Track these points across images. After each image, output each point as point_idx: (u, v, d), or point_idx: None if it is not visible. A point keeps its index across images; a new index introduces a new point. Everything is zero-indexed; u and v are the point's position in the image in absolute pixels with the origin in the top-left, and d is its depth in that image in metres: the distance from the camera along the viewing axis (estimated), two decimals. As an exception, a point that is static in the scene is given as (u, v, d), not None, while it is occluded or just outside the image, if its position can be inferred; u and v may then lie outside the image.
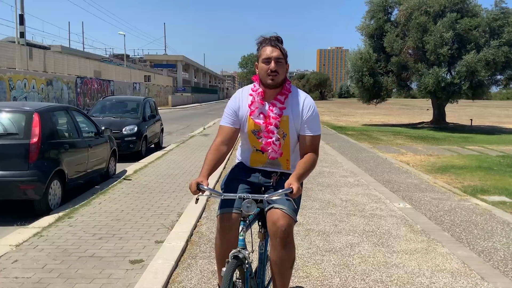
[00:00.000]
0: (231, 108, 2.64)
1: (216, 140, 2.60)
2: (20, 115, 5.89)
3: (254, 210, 2.32)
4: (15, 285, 3.49)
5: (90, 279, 3.60)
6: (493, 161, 10.77)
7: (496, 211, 5.96)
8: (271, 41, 2.53)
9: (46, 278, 3.63)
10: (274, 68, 2.48)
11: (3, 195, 5.57)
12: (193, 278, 3.65)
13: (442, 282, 3.63)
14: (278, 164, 2.67)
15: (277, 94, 2.56)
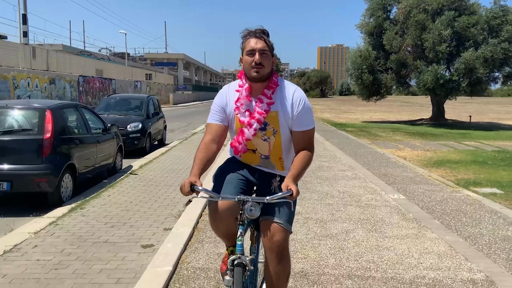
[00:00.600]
0: (218, 105, 2.53)
1: (205, 138, 2.47)
2: (33, 112, 6.21)
3: (258, 213, 2.20)
4: (37, 267, 3.81)
5: (106, 261, 3.92)
6: (488, 156, 11.08)
7: (485, 201, 6.28)
8: (256, 33, 2.41)
9: (65, 260, 3.95)
10: (258, 60, 2.35)
11: (18, 187, 5.89)
12: (200, 260, 3.98)
13: (429, 262, 3.95)
14: (272, 165, 2.55)
15: (264, 88, 2.43)
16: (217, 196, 2.27)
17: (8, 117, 6.17)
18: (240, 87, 2.49)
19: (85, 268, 3.77)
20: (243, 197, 2.21)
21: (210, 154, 2.40)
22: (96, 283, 3.48)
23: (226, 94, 2.54)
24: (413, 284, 3.50)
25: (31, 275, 3.63)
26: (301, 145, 2.44)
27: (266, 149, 2.50)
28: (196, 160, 2.37)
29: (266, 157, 2.53)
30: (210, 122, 2.51)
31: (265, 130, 2.45)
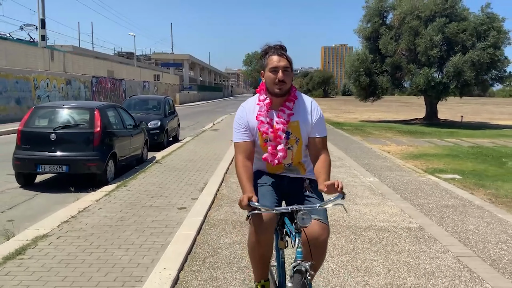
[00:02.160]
0: (241, 123, 2.66)
1: (239, 158, 2.61)
2: (85, 111, 7.88)
3: (310, 222, 2.28)
4: (106, 219, 5.45)
5: (155, 216, 5.57)
6: (462, 151, 12.69)
7: (442, 183, 7.90)
8: (277, 50, 2.57)
9: (125, 215, 5.60)
10: (282, 77, 2.52)
11: (74, 170, 7.54)
12: (221, 215, 5.63)
13: (382, 218, 5.58)
14: (296, 170, 2.73)
15: (285, 101, 2.61)
16: (271, 209, 2.39)
17: (65, 115, 7.84)
18: (261, 101, 2.67)
19: (141, 220, 5.41)
20: (296, 207, 2.31)
21: (251, 171, 2.58)
22: (152, 227, 5.12)
23: (246, 111, 2.70)
24: (367, 229, 5.13)
25: (104, 224, 5.28)
26: (319, 151, 2.62)
27: (290, 157, 2.66)
28: (243, 179, 2.52)
29: (289, 165, 2.69)
30: (238, 141, 2.64)
31: (289, 139, 2.62)
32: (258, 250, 2.58)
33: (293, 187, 2.72)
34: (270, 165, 2.68)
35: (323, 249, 2.58)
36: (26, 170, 7.61)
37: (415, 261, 4.19)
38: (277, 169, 2.70)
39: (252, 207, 2.32)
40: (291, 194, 2.72)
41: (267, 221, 2.47)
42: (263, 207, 2.37)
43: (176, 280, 3.67)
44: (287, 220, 2.56)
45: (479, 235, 5.00)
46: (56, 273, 3.82)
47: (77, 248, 4.42)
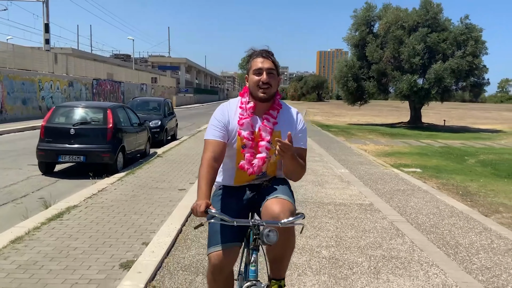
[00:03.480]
0: (220, 121, 2.45)
1: (207, 155, 2.37)
2: (99, 110, 9.24)
3: (276, 238, 2.10)
4: (122, 196, 6.80)
5: (160, 195, 6.93)
6: (432, 150, 14.14)
7: (402, 174, 9.32)
8: (262, 53, 2.45)
9: (136, 194, 6.95)
10: (266, 79, 2.37)
11: (90, 160, 8.88)
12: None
13: (342, 197, 6.98)
14: (266, 176, 2.55)
15: (269, 109, 2.47)
16: (231, 220, 2.15)
17: (82, 113, 9.20)
18: (243, 103, 2.48)
19: (149, 197, 6.77)
20: (258, 221, 2.14)
21: (214, 173, 2.34)
22: (159, 201, 6.48)
23: (227, 110, 2.50)
24: (329, 204, 6.52)
25: (120, 199, 6.63)
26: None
27: (265, 167, 2.48)
28: (202, 180, 2.28)
29: (263, 174, 2.50)
30: (210, 139, 2.42)
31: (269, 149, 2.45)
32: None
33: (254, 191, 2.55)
34: (239, 177, 2.49)
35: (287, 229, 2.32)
36: (48, 159, 8.94)
37: (358, 223, 5.59)
38: (246, 179, 2.50)
39: (209, 215, 2.14)
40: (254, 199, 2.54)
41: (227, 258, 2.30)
42: (223, 216, 2.15)
43: (180, 231, 5.05)
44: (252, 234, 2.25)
45: (415, 209, 6.42)
46: (90, 228, 5.17)
47: (102, 214, 5.78)
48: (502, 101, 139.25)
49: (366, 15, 26.92)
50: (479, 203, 7.10)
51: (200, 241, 4.82)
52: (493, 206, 6.93)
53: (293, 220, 2.22)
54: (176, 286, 3.69)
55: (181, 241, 4.82)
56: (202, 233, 5.07)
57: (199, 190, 2.28)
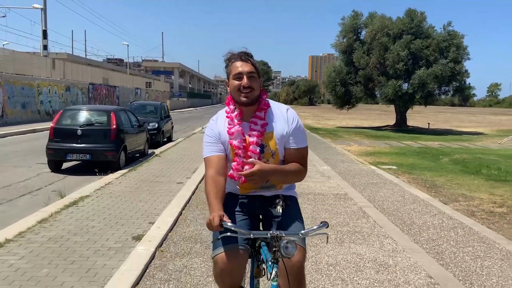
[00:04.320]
0: (212, 136, 2.41)
1: (209, 173, 2.33)
2: (104, 113, 10.15)
3: (295, 251, 2.01)
4: (127, 188, 7.71)
5: (161, 187, 7.84)
6: (410, 150, 15.17)
7: (378, 170, 10.30)
8: (240, 56, 2.35)
9: (139, 186, 7.86)
10: (247, 84, 2.29)
11: (95, 158, 9.76)
12: (208, 186, 7.94)
13: (321, 188, 7.93)
14: (272, 186, 2.42)
15: (256, 111, 2.38)
16: (247, 232, 2.09)
17: (88, 115, 10.10)
18: (229, 113, 2.43)
19: (151, 189, 7.68)
20: (277, 233, 2.02)
21: (221, 187, 2.28)
22: (160, 192, 7.39)
23: (215, 123, 2.47)
24: (309, 194, 7.47)
25: (126, 190, 7.54)
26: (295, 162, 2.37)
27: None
28: (211, 195, 2.24)
29: (266, 180, 2.37)
30: (208, 156, 2.39)
31: (263, 152, 2.36)
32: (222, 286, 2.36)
33: (265, 209, 2.44)
34: (243, 185, 2.39)
35: (298, 277, 2.26)
36: (57, 158, 9.82)
37: (332, 208, 6.56)
38: (251, 188, 2.41)
39: (224, 228, 2.06)
40: (266, 216, 2.46)
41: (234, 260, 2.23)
42: (238, 228, 2.09)
43: (180, 213, 5.98)
44: (265, 245, 2.21)
45: (383, 197, 7.39)
46: (103, 212, 6.08)
47: (112, 202, 6.69)
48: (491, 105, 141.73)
49: (353, 22, 28.05)
50: (442, 194, 8.10)
51: (197, 220, 5.75)
52: (453, 196, 7.92)
53: (317, 229, 2.10)
54: (179, 250, 4.62)
55: (182, 221, 5.75)
56: (199, 215, 6.00)
57: (210, 206, 2.21)
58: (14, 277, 3.83)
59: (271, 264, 2.03)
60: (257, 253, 2.32)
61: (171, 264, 4.22)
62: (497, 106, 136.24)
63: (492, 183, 9.46)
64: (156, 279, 3.88)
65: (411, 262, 4.42)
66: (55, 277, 3.85)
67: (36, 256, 4.35)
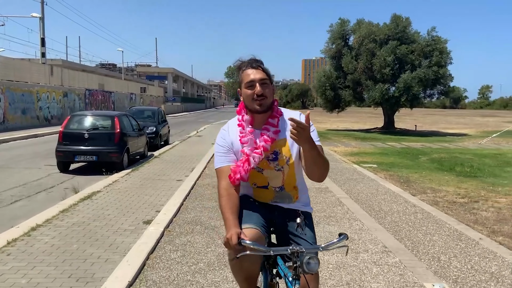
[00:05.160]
0: (224, 146, 2.38)
1: (222, 185, 2.30)
2: (108, 118, 11.09)
3: (318, 267, 1.98)
4: (132, 185, 8.66)
5: (163, 183, 8.80)
6: (392, 150, 16.22)
7: (359, 168, 11.32)
8: (251, 63, 2.34)
9: (143, 183, 8.82)
10: (260, 91, 2.28)
11: (101, 159, 10.67)
12: (205, 182, 8.91)
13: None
14: (288, 196, 2.43)
15: (268, 118, 2.36)
16: (267, 250, 2.04)
17: (94, 120, 11.04)
18: (241, 121, 2.40)
19: (154, 185, 8.63)
20: (298, 248, 2.01)
21: (235, 199, 2.27)
22: (162, 188, 8.35)
23: (227, 132, 2.43)
24: (294, 188, 8.46)
25: (132, 187, 8.48)
26: None
27: (280, 179, 2.38)
28: (227, 211, 2.21)
29: (281, 188, 2.39)
30: (220, 167, 2.36)
31: (277, 160, 2.33)
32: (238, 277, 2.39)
33: (283, 220, 2.41)
34: (259, 194, 2.41)
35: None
36: (66, 159, 10.74)
37: (313, 199, 7.48)
38: (266, 197, 2.41)
39: (243, 247, 2.01)
40: (280, 228, 2.42)
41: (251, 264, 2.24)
42: (256, 246, 2.04)
43: (181, 204, 6.95)
44: (280, 260, 2.24)
45: (359, 190, 8.40)
46: (114, 203, 7.03)
47: (121, 196, 7.63)
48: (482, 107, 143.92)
49: (341, 29, 29.19)
50: (413, 187, 9.12)
51: (196, 209, 6.72)
52: (422, 189, 8.95)
53: (337, 242, 2.08)
54: (183, 230, 5.59)
55: (183, 209, 6.72)
56: (198, 205, 6.97)
57: (226, 222, 2.17)
58: (51, 250, 4.78)
59: (292, 281, 2.03)
60: (270, 266, 2.33)
61: (177, 240, 5.20)
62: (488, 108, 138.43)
63: (461, 178, 10.50)
64: (166, 249, 4.86)
65: (372, 237, 5.43)
66: (84, 250, 4.81)
67: (65, 236, 5.30)
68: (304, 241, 2.32)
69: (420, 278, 4.16)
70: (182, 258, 4.62)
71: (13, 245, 4.91)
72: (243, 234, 2.08)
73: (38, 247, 4.87)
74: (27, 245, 4.92)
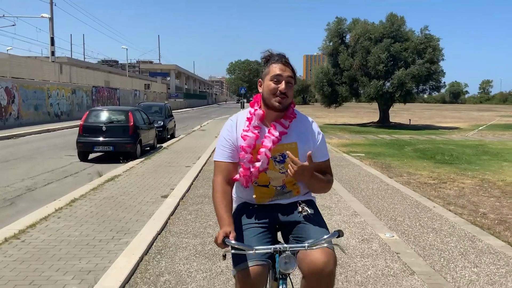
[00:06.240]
0: (227, 139, 2.29)
1: (217, 179, 2.27)
2: (123, 112, 12.43)
3: (294, 267, 1.96)
4: (146, 170, 9.98)
5: (174, 169, 10.12)
6: (381, 142, 17.51)
7: (347, 157, 12.62)
8: (282, 58, 2.27)
9: (157, 169, 10.14)
10: (284, 89, 2.20)
11: (117, 149, 12.00)
12: (211, 168, 10.23)
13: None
14: (290, 193, 2.34)
15: (282, 118, 2.28)
16: (250, 248, 2.00)
17: (110, 115, 12.37)
18: (252, 114, 2.30)
19: (166, 170, 9.95)
20: (279, 247, 1.99)
21: (229, 196, 2.25)
22: (173, 172, 9.67)
23: (235, 126, 2.33)
24: (287, 172, 9.78)
25: (147, 172, 9.81)
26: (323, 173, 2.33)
27: (281, 180, 2.30)
28: (220, 208, 2.17)
29: (282, 187, 2.32)
30: (219, 160, 2.30)
31: (284, 162, 2.23)
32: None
33: (287, 216, 2.32)
34: (259, 194, 2.32)
35: (330, 284, 2.09)
36: (86, 149, 12.07)
37: (303, 180, 8.87)
38: (266, 196, 2.32)
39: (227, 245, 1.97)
40: (285, 224, 2.32)
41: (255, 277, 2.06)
42: (241, 245, 1.99)
43: (191, 183, 8.29)
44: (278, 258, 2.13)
45: (344, 174, 9.71)
46: (135, 184, 8.35)
47: (139, 178, 8.96)
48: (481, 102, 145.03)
49: (337, 28, 30.41)
50: (392, 172, 10.42)
51: (204, 187, 8.06)
52: (400, 173, 10.25)
53: (327, 239, 2.01)
54: (194, 201, 6.92)
55: (193, 187, 8.06)
56: (205, 184, 8.30)
57: (220, 219, 2.15)
58: (91, 215, 6.11)
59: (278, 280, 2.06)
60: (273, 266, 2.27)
61: (190, 207, 6.54)
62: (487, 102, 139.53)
63: (438, 165, 11.79)
64: (182, 213, 6.20)
65: (346, 205, 6.75)
66: (118, 215, 6.14)
67: (100, 206, 6.63)
68: (311, 226, 2.26)
69: (377, 231, 5.48)
70: (195, 219, 5.95)
71: (60, 212, 6.24)
72: (232, 234, 2.01)
73: (80, 213, 6.20)
74: (71, 212, 6.26)
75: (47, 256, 4.50)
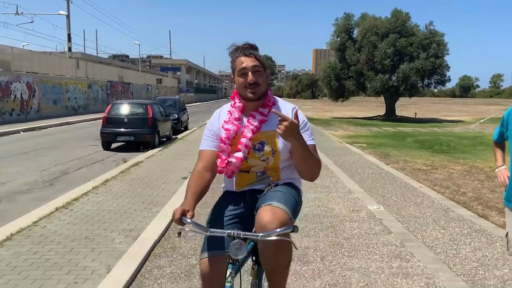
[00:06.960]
0: (210, 130, 2.39)
1: (198, 166, 2.32)
2: (142, 105, 13.51)
3: (244, 253, 1.96)
4: (167, 158, 11.05)
5: (190, 156, 11.18)
6: (384, 134, 18.41)
7: (350, 147, 13.58)
8: (244, 50, 2.27)
9: (174, 156, 11.20)
10: (252, 80, 2.21)
11: (137, 139, 13.08)
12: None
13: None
14: (268, 178, 2.34)
15: (260, 107, 2.30)
16: (205, 229, 2.01)
17: (131, 107, 13.46)
18: (232, 107, 2.38)
19: (183, 157, 11.00)
20: (233, 232, 1.98)
21: (204, 183, 2.26)
22: (190, 159, 10.72)
23: (218, 117, 2.42)
24: (293, 159, 10.79)
25: (166, 159, 10.88)
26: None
27: (262, 167, 2.31)
28: (189, 188, 2.21)
29: (263, 173, 2.33)
30: (203, 149, 2.39)
31: (263, 150, 2.27)
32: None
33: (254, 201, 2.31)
34: (239, 181, 2.36)
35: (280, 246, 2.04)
36: (109, 139, 13.17)
37: (306, 165, 9.87)
38: (246, 181, 2.35)
39: (184, 223, 1.99)
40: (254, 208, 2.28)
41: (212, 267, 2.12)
42: (195, 225, 1.98)
43: (207, 168, 9.34)
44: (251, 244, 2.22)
45: (344, 160, 10.69)
46: (158, 168, 9.42)
47: (160, 163, 10.03)
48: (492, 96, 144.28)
49: (345, 23, 31.20)
50: (389, 159, 11.37)
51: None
52: (396, 160, 11.19)
53: (279, 232, 1.91)
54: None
55: (209, 171, 9.09)
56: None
57: (184, 199, 2.16)
58: (123, 192, 7.18)
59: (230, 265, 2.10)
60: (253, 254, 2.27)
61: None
62: (497, 96, 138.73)
63: (434, 154, 12.70)
64: (201, 190, 7.24)
65: (343, 185, 7.75)
66: (146, 191, 7.20)
67: (130, 185, 7.71)
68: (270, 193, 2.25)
69: (366, 204, 6.48)
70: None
71: (97, 190, 7.32)
72: (190, 213, 2.03)
73: (114, 190, 7.28)
74: (106, 189, 7.33)
75: (94, 220, 5.56)
